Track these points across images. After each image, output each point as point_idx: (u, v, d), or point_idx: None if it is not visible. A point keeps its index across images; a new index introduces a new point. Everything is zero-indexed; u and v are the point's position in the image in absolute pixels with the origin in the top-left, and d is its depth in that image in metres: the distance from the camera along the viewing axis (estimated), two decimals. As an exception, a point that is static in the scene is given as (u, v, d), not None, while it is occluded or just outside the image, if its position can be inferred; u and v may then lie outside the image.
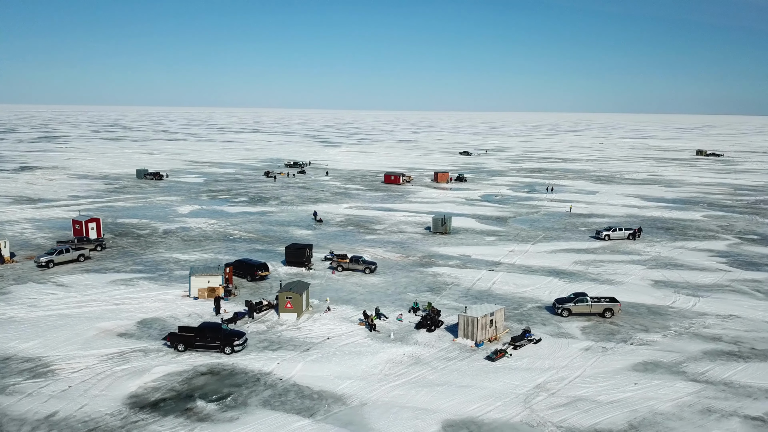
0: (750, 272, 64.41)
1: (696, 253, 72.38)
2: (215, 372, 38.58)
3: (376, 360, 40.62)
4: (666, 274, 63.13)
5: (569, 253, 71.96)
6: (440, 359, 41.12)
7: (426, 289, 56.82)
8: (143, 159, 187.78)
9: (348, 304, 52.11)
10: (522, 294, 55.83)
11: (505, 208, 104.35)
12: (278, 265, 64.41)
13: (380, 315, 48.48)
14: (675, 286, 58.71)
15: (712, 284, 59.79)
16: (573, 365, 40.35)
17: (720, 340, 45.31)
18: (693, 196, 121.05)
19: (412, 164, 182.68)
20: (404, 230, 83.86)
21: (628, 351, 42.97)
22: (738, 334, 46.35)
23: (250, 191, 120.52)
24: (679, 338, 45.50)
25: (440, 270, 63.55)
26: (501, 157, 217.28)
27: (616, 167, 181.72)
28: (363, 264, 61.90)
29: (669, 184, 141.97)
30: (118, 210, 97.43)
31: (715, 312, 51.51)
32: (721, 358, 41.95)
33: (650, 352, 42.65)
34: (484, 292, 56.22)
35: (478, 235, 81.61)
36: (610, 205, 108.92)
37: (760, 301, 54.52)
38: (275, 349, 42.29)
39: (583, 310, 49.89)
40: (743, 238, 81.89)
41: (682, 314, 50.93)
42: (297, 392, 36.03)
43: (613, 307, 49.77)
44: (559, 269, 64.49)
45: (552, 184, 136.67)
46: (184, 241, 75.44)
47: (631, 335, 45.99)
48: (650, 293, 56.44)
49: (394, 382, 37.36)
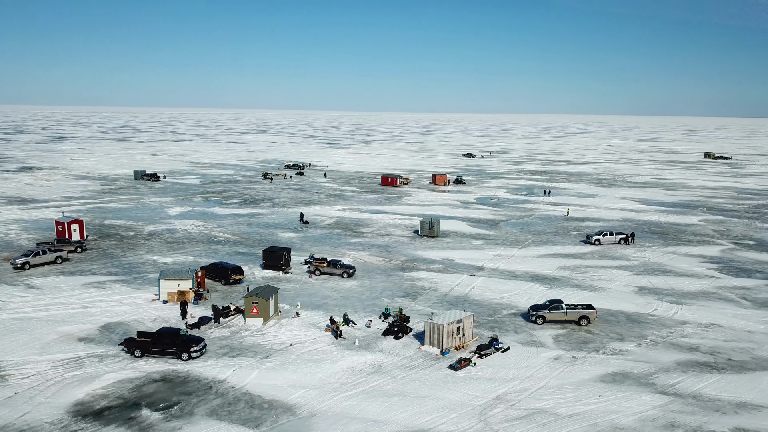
0: (740, 279, 62.58)
1: (687, 259, 70.58)
2: (168, 379, 37.65)
3: (335, 368, 39.50)
4: (652, 280, 61.46)
5: (556, 257, 70.44)
6: (402, 368, 39.93)
7: (402, 295, 55.63)
8: (146, 160, 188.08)
9: (319, 310, 51.05)
10: (499, 300, 54.48)
11: (499, 211, 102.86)
12: (256, 268, 63.51)
13: (348, 321, 47.39)
14: (659, 293, 57.08)
15: (699, 291, 58.08)
16: (538, 375, 38.99)
17: (697, 350, 43.73)
18: (693, 200, 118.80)
19: (414, 166, 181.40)
20: (392, 233, 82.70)
21: (598, 361, 41.52)
22: (716, 344, 44.73)
23: (245, 193, 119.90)
24: (654, 348, 43.97)
25: (420, 274, 62.33)
26: (504, 159, 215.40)
27: (620, 170, 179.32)
28: (341, 268, 60.82)
29: (671, 187, 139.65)
30: (109, 211, 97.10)
31: (697, 320, 49.88)
32: (695, 369, 40.39)
33: (621, 363, 41.18)
34: (461, 298, 54.93)
35: (466, 238, 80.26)
36: (607, 208, 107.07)
37: (745, 310, 52.78)
38: (234, 356, 41.31)
39: (557, 317, 48.47)
40: (738, 243, 79.88)
41: (661, 323, 49.35)
42: (247, 401, 35.00)
43: (588, 314, 48.30)
44: (542, 275, 63.03)
45: (550, 187, 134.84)
46: (167, 243, 74.76)
47: (605, 344, 44.52)
48: (632, 300, 54.87)
49: (349, 392, 36.22)
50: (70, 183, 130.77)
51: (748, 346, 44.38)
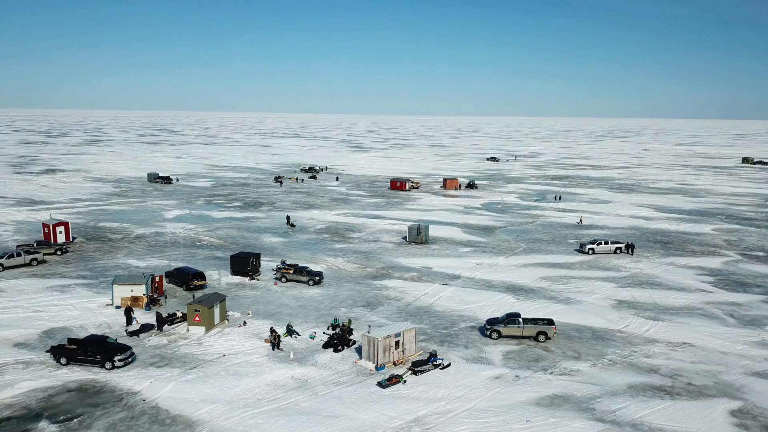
0: (733, 294, 58.22)
1: (683, 271, 66.31)
2: (83, 389, 36.58)
3: (257, 382, 37.78)
4: (635, 293, 57.72)
5: (542, 267, 67.16)
6: (328, 383, 37.91)
7: (363, 304, 53.56)
8: (168, 163, 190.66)
9: (271, 318, 49.46)
10: (462, 312, 51.84)
11: (501, 217, 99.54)
12: (226, 274, 62.41)
13: (292, 332, 45.65)
14: (638, 308, 53.42)
15: (683, 306, 54.14)
16: (470, 396, 36.41)
17: (656, 372, 40.31)
18: (714, 207, 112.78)
19: (434, 170, 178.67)
20: (380, 239, 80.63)
21: (543, 381, 38.63)
22: (680, 366, 41.18)
23: (250, 196, 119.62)
24: (609, 368, 40.75)
25: (390, 283, 60.12)
26: (529, 163, 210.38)
27: (647, 175, 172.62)
28: (307, 275, 59.14)
29: (695, 193, 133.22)
30: (109, 213, 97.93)
31: (668, 339, 46.26)
32: (646, 393, 37.10)
33: (567, 384, 38.19)
34: (423, 309, 52.52)
35: (455, 245, 77.55)
36: (617, 216, 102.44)
37: (726, 328, 48.78)
38: (161, 366, 40.03)
39: (514, 332, 45.63)
40: (746, 254, 74.84)
41: (628, 340, 45.94)
42: (152, 416, 33.58)
43: (547, 330, 45.31)
44: (519, 285, 59.99)
45: (562, 192, 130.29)
46: (150, 247, 74.53)
47: (556, 363, 41.52)
48: (605, 315, 51.45)
49: (261, 409, 34.42)
50: (84, 185, 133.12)
51: (714, 369, 40.71)
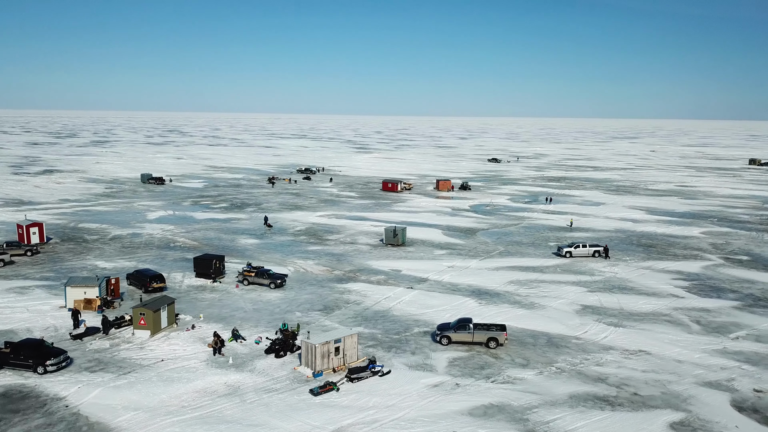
0: (705, 299, 56.46)
1: (659, 275, 64.57)
2: (8, 395, 35.92)
3: (187, 388, 36.92)
4: (603, 298, 56.16)
5: (513, 270, 65.77)
6: (260, 390, 36.96)
7: (320, 308, 52.56)
8: (167, 164, 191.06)
9: (223, 322, 48.63)
10: (420, 316, 50.65)
11: (486, 219, 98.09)
12: (191, 276, 61.72)
13: (237, 337, 44.78)
14: (602, 314, 51.92)
15: (649, 312, 52.53)
16: (402, 404, 35.26)
17: (604, 381, 38.89)
18: (708, 210, 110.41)
19: (432, 171, 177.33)
20: (357, 241, 79.62)
21: (482, 390, 37.37)
22: (630, 375, 39.72)
23: (238, 197, 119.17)
24: (555, 377, 39.39)
25: (355, 286, 59.07)
26: (530, 164, 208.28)
27: (647, 177, 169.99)
28: (268, 278, 58.28)
29: (692, 196, 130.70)
30: (93, 214, 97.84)
31: (625, 346, 44.76)
32: (587, 404, 35.73)
33: (506, 393, 36.91)
34: (380, 313, 51.43)
35: (431, 248, 76.32)
36: (607, 218, 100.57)
37: (689, 335, 47.15)
38: (96, 371, 39.32)
39: (464, 338, 44.40)
40: (729, 258, 72.85)
41: (583, 347, 44.51)
42: (70, 423, 32.84)
43: (497, 336, 44.00)
44: (485, 289, 58.67)
45: (553, 194, 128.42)
46: (123, 248, 74.13)
47: (502, 371, 40.23)
48: (566, 321, 50.00)
49: (183, 416, 33.54)
50: (78, 186, 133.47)
51: (665, 379, 39.20)
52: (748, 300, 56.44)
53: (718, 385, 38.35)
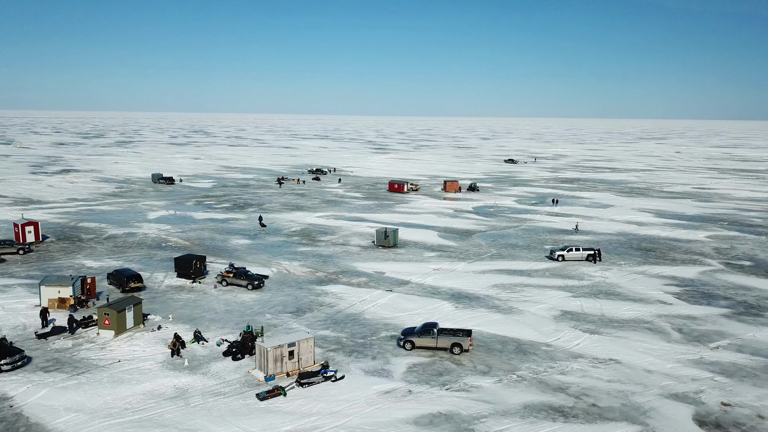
0: (694, 306, 54.28)
1: (652, 280, 62.42)
2: (-42, 393, 36.11)
3: (134, 390, 36.59)
4: (586, 304, 54.40)
5: (501, 274, 64.29)
6: (208, 394, 36.44)
7: (292, 310, 51.95)
8: (184, 164, 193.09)
9: (191, 323, 48.36)
10: (391, 320, 49.65)
11: (486, 221, 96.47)
12: (173, 276, 61.72)
13: (199, 339, 44.40)
14: (581, 320, 50.24)
15: (631, 319, 50.67)
16: (346, 411, 34.38)
17: (564, 390, 37.42)
18: (720, 213, 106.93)
19: (445, 172, 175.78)
20: (348, 243, 78.89)
21: (434, 397, 36.26)
22: (593, 385, 38.16)
23: (243, 197, 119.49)
24: (514, 385, 38.06)
25: (333, 288, 58.33)
26: (546, 165, 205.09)
27: (665, 178, 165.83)
28: (246, 279, 57.92)
29: (708, 198, 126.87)
30: (95, 213, 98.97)
31: (596, 354, 43.13)
32: (540, 414, 34.37)
33: (459, 402, 35.74)
34: (351, 316, 50.59)
35: (422, 250, 75.18)
36: (612, 221, 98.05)
37: (666, 344, 45.25)
38: (51, 371, 39.28)
39: (427, 343, 43.31)
40: (731, 263, 70.16)
41: (552, 355, 43.02)
42: (9, 423, 32.74)
43: (461, 342, 42.79)
44: (466, 293, 57.38)
45: (567, 196, 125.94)
46: (115, 247, 74.64)
47: (459, 378, 39.04)
48: (541, 327, 48.49)
49: (121, 419, 33.18)
50: (89, 185, 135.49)
51: (629, 390, 37.55)
52: (739, 308, 54.12)
53: (684, 398, 36.59)
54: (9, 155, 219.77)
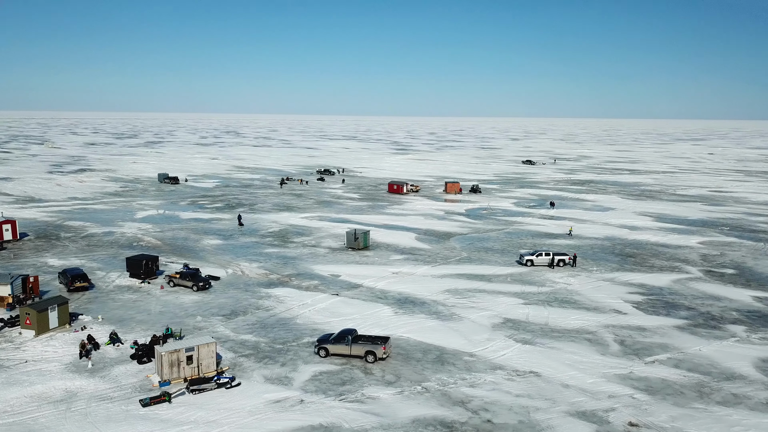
0: (649, 317, 51.16)
1: (616, 288, 59.31)
2: None
3: (22, 393, 36.14)
4: (533, 312, 51.87)
5: (460, 278, 62.10)
6: (94, 398, 35.71)
7: (226, 313, 51.03)
8: (201, 164, 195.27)
9: (119, 324, 47.95)
10: (322, 325, 48.16)
11: (473, 223, 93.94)
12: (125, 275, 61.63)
13: (114, 340, 43.85)
14: (520, 329, 47.82)
15: (574, 329, 48.00)
16: (224, 421, 33.13)
17: (464, 404, 35.35)
18: (726, 218, 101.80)
19: (457, 173, 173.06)
20: (320, 244, 77.71)
21: (322, 409, 34.68)
22: (498, 399, 35.96)
23: (240, 197, 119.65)
24: (414, 397, 36.17)
25: (279, 291, 57.19)
26: (564, 167, 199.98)
27: (683, 181, 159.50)
28: (191, 280, 57.31)
29: (720, 202, 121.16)
30: (87, 212, 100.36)
31: (518, 366, 40.80)
32: (426, 430, 32.44)
33: (347, 413, 34.09)
34: (282, 321, 49.37)
35: (390, 252, 73.43)
36: (606, 224, 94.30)
37: (599, 357, 42.55)
38: (-46, 370, 39.28)
39: (342, 350, 41.76)
40: (712, 271, 66.28)
41: (470, 366, 40.89)
42: None
43: (375, 350, 41.08)
44: (414, 297, 55.49)
45: (563, 198, 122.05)
46: (87, 246, 75.23)
47: (360, 388, 37.35)
48: (473, 335, 46.31)
49: (-5, 422, 32.75)
50: (96, 185, 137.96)
51: (535, 406, 35.23)
52: (698, 319, 50.79)
53: (590, 416, 34.11)
54: (37, 155, 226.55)
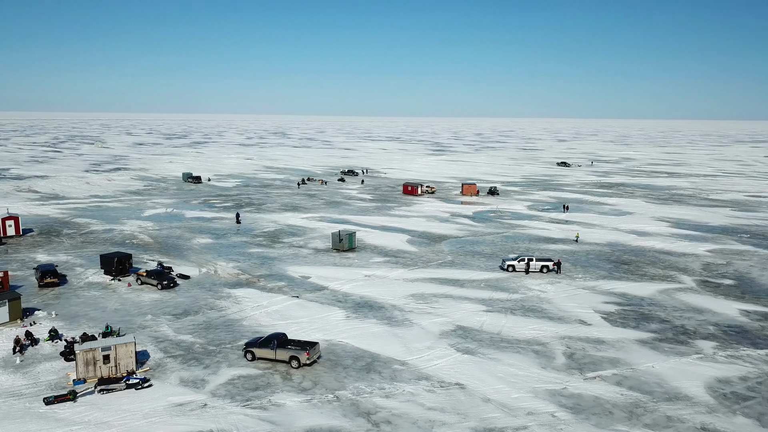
0: (615, 329, 48.04)
1: (593, 297, 56.16)
2: None
3: (-60, 386, 36.84)
4: (490, 320, 49.56)
5: (431, 283, 60.20)
6: (6, 394, 36.01)
7: (178, 313, 50.94)
8: (233, 164, 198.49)
9: (70, 320, 48.58)
10: (268, 328, 47.30)
11: (474, 226, 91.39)
12: (100, 272, 62.62)
13: (54, 337, 44.30)
14: (468, 338, 45.73)
15: (525, 340, 45.51)
16: (116, 422, 32.72)
17: (369, 416, 33.78)
18: (749, 225, 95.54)
19: (485, 174, 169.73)
20: (307, 245, 77.07)
21: (221, 414, 33.82)
22: (407, 412, 34.22)
23: (252, 197, 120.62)
24: (321, 406, 34.84)
25: (241, 292, 56.78)
26: (600, 169, 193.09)
27: (721, 185, 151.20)
28: (156, 279, 57.64)
29: (752, 208, 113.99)
30: (100, 209, 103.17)
31: (445, 377, 38.84)
32: (314, 441, 31.15)
33: (241, 420, 33.10)
34: (230, 322, 48.86)
35: (374, 254, 72.08)
36: (615, 230, 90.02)
37: (539, 370, 40.05)
38: None
39: (267, 355, 40.85)
40: (707, 282, 61.96)
41: (396, 375, 39.20)
42: None
43: (298, 355, 39.95)
44: (374, 302, 54.02)
45: (585, 201, 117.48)
46: (82, 243, 77.07)
47: (271, 394, 36.30)
48: (414, 343, 44.51)
49: None
50: (122, 183, 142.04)
51: (442, 420, 33.33)
52: (668, 333, 47.34)
53: (496, 434, 32.01)
54: (83, 154, 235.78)
